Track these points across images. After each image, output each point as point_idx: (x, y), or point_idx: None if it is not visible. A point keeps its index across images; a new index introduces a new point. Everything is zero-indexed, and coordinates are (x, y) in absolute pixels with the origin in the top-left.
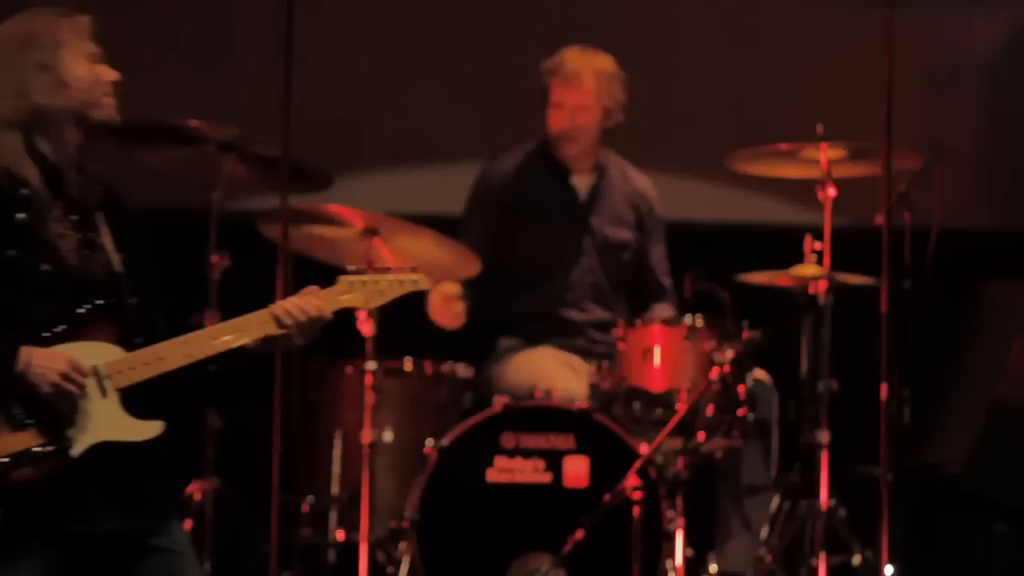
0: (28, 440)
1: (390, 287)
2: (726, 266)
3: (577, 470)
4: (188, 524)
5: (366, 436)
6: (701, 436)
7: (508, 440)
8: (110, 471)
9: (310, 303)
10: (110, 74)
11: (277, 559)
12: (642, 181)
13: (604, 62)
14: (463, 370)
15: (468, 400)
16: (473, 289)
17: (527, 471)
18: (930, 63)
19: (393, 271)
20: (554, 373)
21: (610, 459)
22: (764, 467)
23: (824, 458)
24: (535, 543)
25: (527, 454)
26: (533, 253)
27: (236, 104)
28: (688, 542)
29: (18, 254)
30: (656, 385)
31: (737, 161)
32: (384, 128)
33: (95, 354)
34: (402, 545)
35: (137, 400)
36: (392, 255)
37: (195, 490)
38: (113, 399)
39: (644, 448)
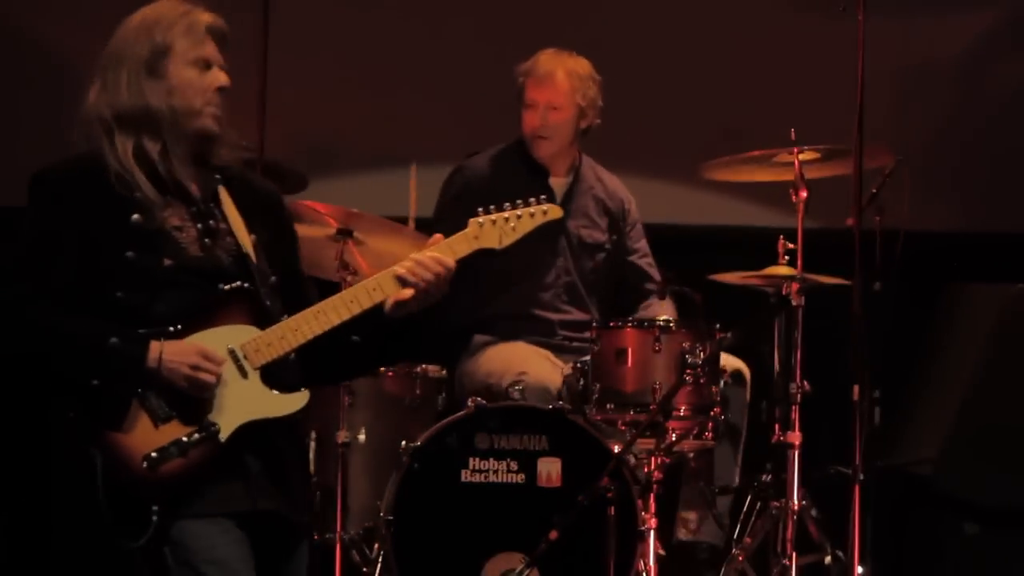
0: (175, 432)
1: (521, 222)
2: (699, 268)
3: (550, 471)
4: None
5: (340, 436)
6: (673, 437)
7: (482, 441)
8: (263, 449)
9: (431, 256)
10: (215, 80)
11: None
12: (614, 182)
13: (577, 63)
14: (436, 370)
15: (442, 401)
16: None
17: (501, 472)
18: (902, 66)
19: (522, 204)
20: (528, 359)
21: (583, 460)
22: (735, 467)
23: (795, 458)
24: (509, 543)
25: (500, 455)
26: (508, 254)
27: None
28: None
29: (137, 254)
30: (629, 386)
31: (711, 170)
32: (358, 131)
33: (231, 337)
34: (376, 545)
35: (281, 374)
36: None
37: None
38: (254, 378)
39: (617, 448)
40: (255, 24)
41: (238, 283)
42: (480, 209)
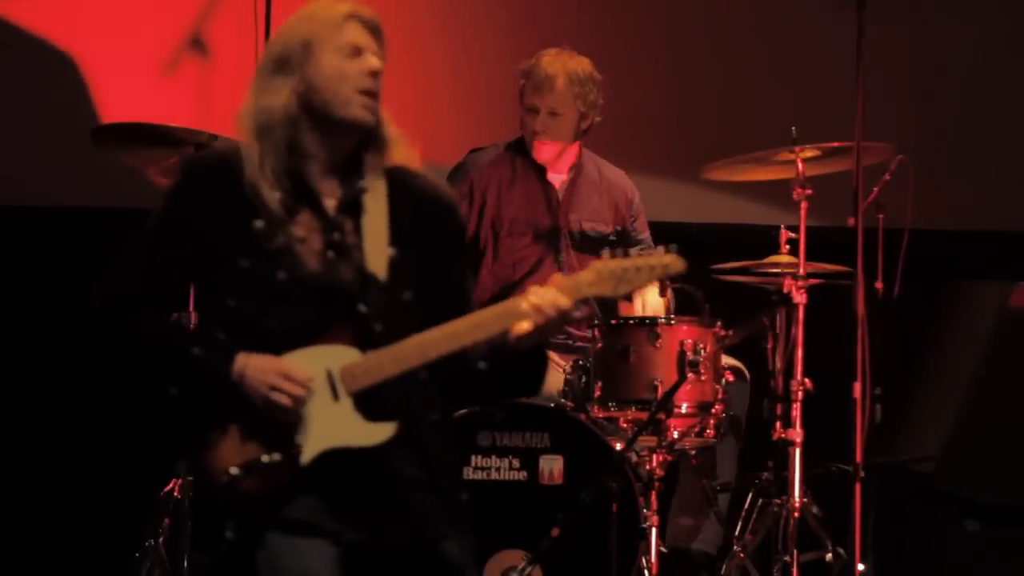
0: (258, 450)
1: (638, 274)
2: (701, 266)
3: (552, 468)
4: (167, 521)
5: None
6: (675, 434)
7: (484, 439)
8: (349, 477)
9: (556, 297)
10: (365, 66)
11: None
12: (616, 174)
13: (579, 64)
14: None
15: None
16: None
17: (503, 469)
18: (905, 64)
19: (644, 254)
20: None
21: (585, 457)
22: (735, 464)
23: (797, 455)
24: (511, 541)
25: (502, 452)
26: (510, 249)
27: (213, 107)
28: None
29: (251, 264)
30: (630, 383)
31: (712, 170)
32: None
33: (331, 358)
34: None
35: (376, 402)
36: None
37: (175, 487)
38: (346, 403)
39: (619, 446)
40: (255, 23)
41: (348, 304)
42: (605, 251)
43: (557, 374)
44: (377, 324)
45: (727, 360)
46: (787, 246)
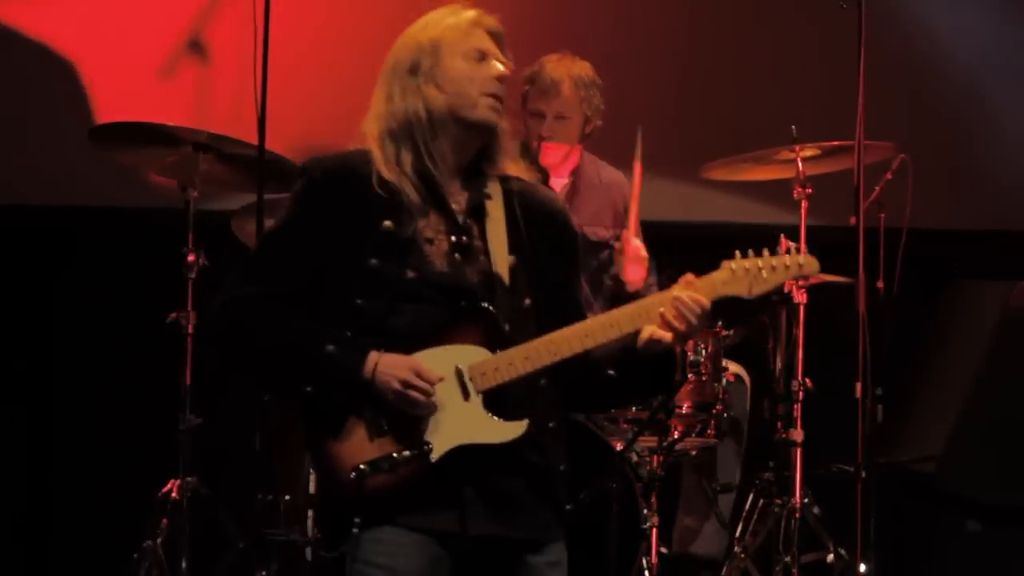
0: (388, 446)
1: (773, 273)
2: (701, 266)
3: None
4: (164, 522)
5: None
6: (676, 434)
7: None
8: (480, 474)
9: (693, 298)
10: (491, 71)
11: (254, 557)
12: (616, 176)
13: (582, 69)
14: None
15: None
16: None
17: None
18: (906, 63)
19: (780, 254)
20: None
21: (585, 457)
22: (737, 465)
23: (798, 456)
24: None
25: None
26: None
27: (214, 106)
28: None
29: (381, 263)
30: None
31: (712, 170)
32: (358, 129)
33: (461, 357)
34: None
35: (507, 400)
36: None
37: (172, 488)
38: (476, 401)
39: (619, 446)
40: (254, 22)
41: (477, 303)
42: (737, 252)
43: None
44: (505, 324)
45: (727, 365)
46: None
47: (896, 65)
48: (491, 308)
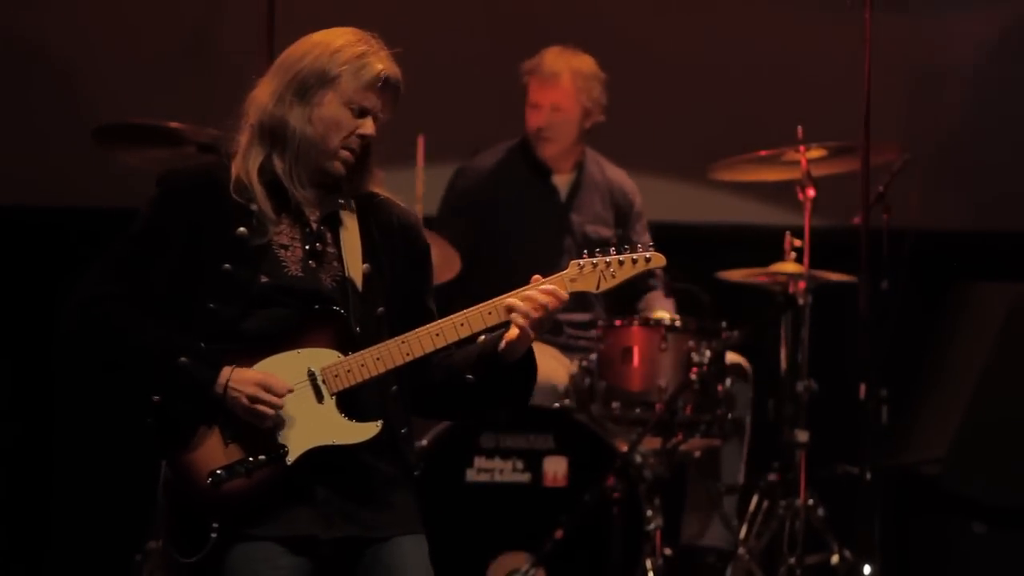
0: (243, 451)
1: (621, 268)
2: (706, 266)
3: (556, 470)
4: None
5: None
6: (680, 436)
7: (487, 440)
8: (334, 475)
9: (540, 293)
10: (362, 127)
11: None
12: (619, 175)
13: (583, 62)
14: None
15: None
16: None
17: (506, 471)
18: (911, 63)
19: (625, 251)
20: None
21: (589, 459)
22: (740, 466)
23: (803, 457)
24: (514, 543)
25: (506, 454)
26: (513, 253)
27: (215, 107)
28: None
29: (234, 268)
30: (635, 385)
31: (718, 170)
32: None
33: (313, 360)
34: None
35: (360, 402)
36: None
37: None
38: (330, 403)
39: (623, 448)
40: (260, 20)
41: (329, 306)
42: (585, 252)
43: (562, 365)
44: (357, 327)
45: (729, 356)
46: (792, 253)
47: (902, 66)
48: (342, 312)
